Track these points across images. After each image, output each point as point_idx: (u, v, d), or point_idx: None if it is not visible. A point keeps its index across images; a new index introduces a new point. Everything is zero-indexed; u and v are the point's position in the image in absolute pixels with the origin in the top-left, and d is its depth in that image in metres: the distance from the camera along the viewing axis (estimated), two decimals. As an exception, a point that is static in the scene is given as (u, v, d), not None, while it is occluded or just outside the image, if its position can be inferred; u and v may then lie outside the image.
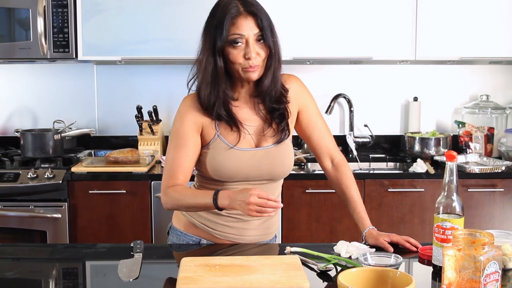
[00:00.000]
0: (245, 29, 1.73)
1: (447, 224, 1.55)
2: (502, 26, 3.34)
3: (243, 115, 1.86)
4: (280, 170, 1.89)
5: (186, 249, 1.88)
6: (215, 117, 1.82)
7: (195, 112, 1.84)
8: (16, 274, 1.62)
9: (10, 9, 3.22)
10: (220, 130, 1.83)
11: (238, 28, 1.73)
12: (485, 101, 3.63)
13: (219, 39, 1.73)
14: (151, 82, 3.71)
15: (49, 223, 3.04)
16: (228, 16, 1.73)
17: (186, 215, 1.93)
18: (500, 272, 1.36)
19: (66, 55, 3.25)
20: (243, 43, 1.74)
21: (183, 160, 1.82)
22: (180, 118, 1.86)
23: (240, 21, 1.73)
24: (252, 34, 1.74)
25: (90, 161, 3.23)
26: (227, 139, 1.83)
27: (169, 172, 1.84)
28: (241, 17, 1.73)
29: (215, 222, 1.88)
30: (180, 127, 1.84)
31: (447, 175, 1.57)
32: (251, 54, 1.73)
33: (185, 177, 1.84)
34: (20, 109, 3.72)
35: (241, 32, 1.73)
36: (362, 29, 3.33)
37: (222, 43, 1.73)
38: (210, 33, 1.77)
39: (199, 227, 1.90)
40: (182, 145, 1.83)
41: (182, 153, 1.83)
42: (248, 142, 1.85)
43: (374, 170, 3.52)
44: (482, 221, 3.15)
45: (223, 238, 1.89)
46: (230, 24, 1.73)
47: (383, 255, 1.63)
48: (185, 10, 3.27)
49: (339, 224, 3.06)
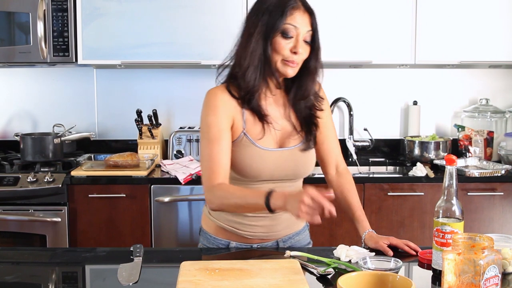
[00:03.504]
0: (301, 23, 1.73)
1: (446, 228, 1.55)
2: (501, 30, 3.35)
3: (274, 113, 1.85)
4: (304, 170, 1.90)
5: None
6: (247, 105, 1.79)
7: (228, 105, 1.79)
8: (15, 278, 1.62)
9: (10, 13, 3.23)
10: (246, 127, 1.81)
11: (294, 20, 1.73)
12: (484, 105, 3.64)
13: (274, 25, 1.72)
14: (150, 86, 3.72)
15: (49, 227, 3.04)
16: (288, 6, 1.72)
17: (214, 220, 1.91)
18: (500, 276, 1.35)
19: (66, 59, 3.25)
20: (293, 36, 1.74)
21: (221, 155, 1.76)
22: (213, 111, 1.79)
23: (298, 14, 1.73)
24: (305, 30, 1.74)
25: (89, 165, 3.23)
26: (252, 134, 1.81)
27: (209, 168, 1.76)
28: (300, 11, 1.74)
29: (243, 224, 1.86)
30: (214, 121, 1.78)
31: (447, 179, 1.57)
32: (299, 48, 1.73)
33: (225, 172, 1.76)
34: (20, 113, 3.73)
35: (296, 25, 1.73)
36: (361, 33, 3.33)
37: (277, 30, 1.72)
38: (263, 18, 1.74)
39: (228, 230, 1.89)
40: (217, 139, 1.76)
41: (218, 147, 1.76)
42: (273, 140, 1.84)
43: (374, 174, 3.52)
44: (481, 225, 3.15)
45: (253, 237, 1.88)
46: (289, 14, 1.72)
47: (383, 259, 1.63)
48: (184, 14, 3.27)
49: (338, 228, 3.06)
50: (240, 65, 1.78)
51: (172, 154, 3.46)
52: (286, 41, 1.73)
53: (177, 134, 3.48)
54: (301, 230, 1.99)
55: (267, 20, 1.73)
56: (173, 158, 3.46)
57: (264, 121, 1.81)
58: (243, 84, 1.78)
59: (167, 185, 3.08)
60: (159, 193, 3.07)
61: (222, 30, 3.28)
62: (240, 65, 1.78)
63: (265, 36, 1.74)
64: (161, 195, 3.07)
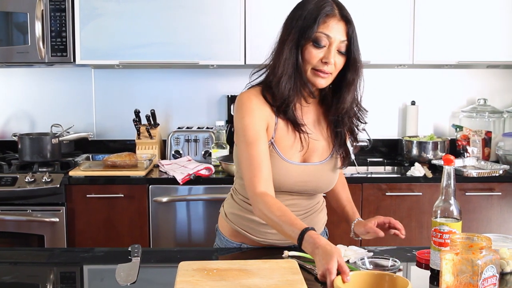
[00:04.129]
0: (334, 32, 1.66)
1: (444, 228, 1.55)
2: (499, 30, 3.35)
3: (309, 123, 1.78)
4: (325, 187, 1.86)
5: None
6: (283, 114, 1.73)
7: (262, 109, 1.73)
8: (13, 278, 1.61)
9: (8, 13, 3.22)
10: (276, 136, 1.75)
11: (327, 29, 1.65)
12: (482, 105, 3.64)
13: (306, 33, 1.65)
14: (149, 86, 3.72)
15: (47, 227, 3.04)
16: (323, 13, 1.64)
17: (229, 222, 1.90)
18: (498, 276, 1.36)
19: (64, 59, 3.25)
20: (326, 46, 1.67)
21: (261, 157, 1.69)
22: (249, 113, 1.72)
23: (333, 22, 1.66)
24: (339, 40, 1.67)
25: (88, 165, 3.23)
26: (281, 144, 1.75)
27: (250, 172, 1.69)
28: (335, 19, 1.66)
29: (258, 230, 1.84)
30: (250, 123, 1.71)
31: (445, 179, 1.57)
32: (330, 59, 1.66)
33: (267, 175, 1.70)
34: (18, 113, 3.72)
35: (329, 34, 1.65)
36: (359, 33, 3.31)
37: (308, 38, 1.65)
38: (298, 25, 1.67)
39: (241, 233, 1.87)
40: (255, 141, 1.70)
41: (258, 149, 1.69)
42: (302, 153, 1.78)
43: (372, 174, 3.52)
44: (479, 225, 3.15)
45: (265, 243, 1.86)
46: (321, 22, 1.65)
47: (381, 258, 1.64)
48: (183, 14, 3.27)
49: (336, 229, 3.06)
50: (275, 74, 1.70)
51: (170, 154, 3.46)
52: (317, 50, 1.66)
53: (175, 134, 3.48)
54: None
55: (300, 27, 1.66)
56: (171, 158, 3.45)
57: (300, 130, 1.75)
58: (278, 94, 1.70)
59: (165, 185, 3.07)
60: (157, 193, 3.07)
61: (220, 30, 3.29)
62: (275, 73, 1.71)
63: (297, 44, 1.67)
64: (159, 195, 3.06)
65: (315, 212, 1.90)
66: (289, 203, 1.79)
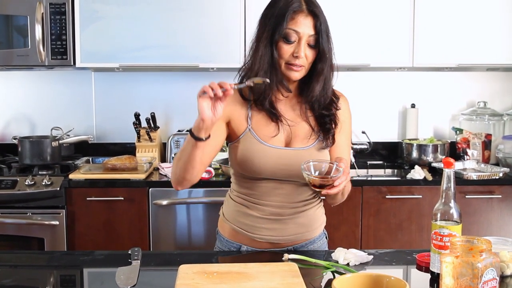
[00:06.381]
0: (302, 27, 1.73)
1: (444, 231, 1.55)
2: (499, 33, 3.36)
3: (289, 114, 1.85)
4: None
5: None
6: (261, 107, 1.81)
7: (231, 105, 1.82)
8: (13, 281, 1.61)
9: (8, 16, 3.23)
10: (252, 123, 1.82)
11: (295, 24, 1.73)
12: (482, 107, 3.64)
13: (277, 30, 1.73)
14: (149, 89, 3.72)
15: (47, 230, 3.04)
16: (290, 10, 1.72)
17: (227, 222, 1.92)
18: (498, 279, 1.36)
19: (64, 62, 3.25)
20: (296, 41, 1.74)
21: None
22: None
23: (300, 18, 1.73)
24: (307, 34, 1.74)
25: (88, 168, 3.23)
26: (261, 132, 1.81)
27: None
28: (302, 14, 1.74)
29: (254, 226, 1.86)
30: None
31: (445, 181, 1.57)
32: (300, 53, 1.74)
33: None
34: (18, 116, 3.73)
35: (297, 29, 1.73)
36: (359, 36, 3.34)
37: (279, 35, 1.73)
38: (270, 23, 1.76)
39: (240, 233, 1.89)
40: None
41: None
42: (282, 139, 1.83)
43: (372, 177, 3.52)
44: (479, 228, 3.15)
45: (263, 241, 1.88)
46: (289, 19, 1.73)
47: (323, 161, 1.69)
48: (183, 17, 3.28)
49: (336, 231, 3.06)
50: (252, 70, 1.80)
51: (170, 157, 3.46)
52: (288, 45, 1.74)
53: (175, 137, 3.48)
54: (317, 238, 1.95)
55: (273, 25, 1.75)
56: (171, 161, 3.45)
57: (278, 121, 1.82)
58: (255, 88, 1.79)
59: (165, 188, 3.07)
60: (157, 196, 3.07)
61: (220, 33, 3.29)
62: (252, 69, 1.80)
63: (271, 41, 1.75)
64: (159, 198, 3.06)
65: (310, 206, 1.90)
66: (279, 192, 1.83)
